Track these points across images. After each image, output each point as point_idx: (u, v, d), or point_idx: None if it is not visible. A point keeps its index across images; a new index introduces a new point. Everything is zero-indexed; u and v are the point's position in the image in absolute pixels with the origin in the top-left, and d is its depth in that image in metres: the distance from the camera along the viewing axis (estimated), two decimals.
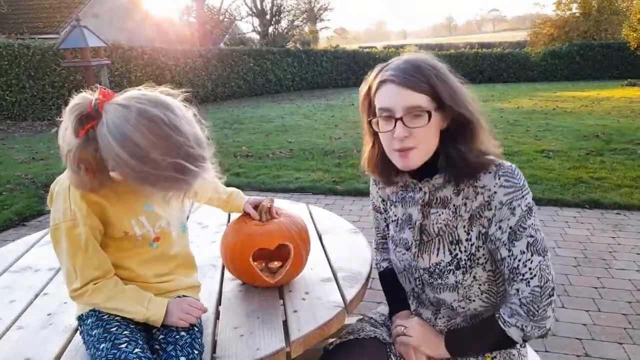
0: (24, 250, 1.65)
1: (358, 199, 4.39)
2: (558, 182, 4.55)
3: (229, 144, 7.20)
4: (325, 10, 30.22)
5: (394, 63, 1.03)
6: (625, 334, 2.20)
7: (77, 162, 0.92)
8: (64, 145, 0.93)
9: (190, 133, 0.92)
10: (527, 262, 0.99)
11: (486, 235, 1.03)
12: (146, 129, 0.88)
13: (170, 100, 0.95)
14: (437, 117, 1.01)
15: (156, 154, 0.88)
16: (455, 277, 1.07)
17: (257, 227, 1.28)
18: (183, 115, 0.94)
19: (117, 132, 0.88)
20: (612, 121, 8.03)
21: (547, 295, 0.99)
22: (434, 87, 0.98)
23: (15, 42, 10.58)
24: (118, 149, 0.88)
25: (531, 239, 0.99)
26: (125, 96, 0.94)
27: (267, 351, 1.04)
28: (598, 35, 21.89)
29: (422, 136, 1.00)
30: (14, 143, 8.00)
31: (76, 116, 0.92)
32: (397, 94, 0.98)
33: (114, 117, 0.89)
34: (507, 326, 1.02)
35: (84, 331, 1.06)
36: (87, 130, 0.91)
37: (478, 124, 1.02)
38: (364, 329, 1.22)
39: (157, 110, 0.90)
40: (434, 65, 1.01)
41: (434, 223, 1.10)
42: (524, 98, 12.67)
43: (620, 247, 3.16)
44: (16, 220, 4.01)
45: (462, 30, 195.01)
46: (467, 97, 1.02)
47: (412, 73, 0.98)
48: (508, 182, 0.99)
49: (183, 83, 13.89)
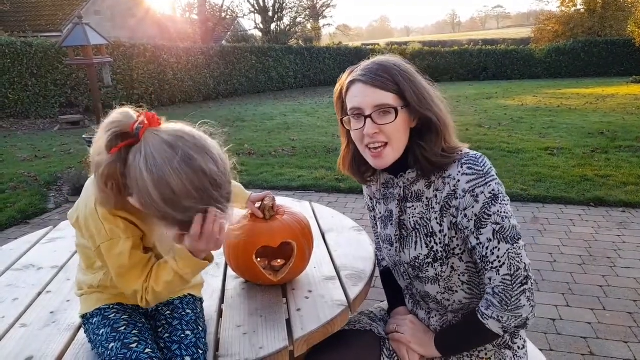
0: (27, 249, 1.65)
1: (361, 197, 4.37)
2: (563, 180, 4.53)
3: (231, 142, 7.14)
4: (328, 7, 30.13)
5: (363, 64, 1.07)
6: (630, 332, 2.19)
7: (105, 179, 0.88)
8: (95, 158, 0.89)
9: (226, 186, 0.91)
10: (494, 249, 1.00)
11: (456, 225, 1.04)
12: (186, 178, 0.84)
13: (214, 147, 0.92)
14: (404, 115, 1.04)
15: (188, 202, 0.86)
16: (434, 270, 1.09)
17: (260, 224, 1.27)
18: (224, 168, 0.91)
19: (155, 171, 0.84)
20: (617, 118, 7.99)
21: (520, 284, 0.99)
22: (399, 86, 1.02)
23: (17, 40, 10.60)
24: (151, 187, 0.84)
25: (497, 226, 0.99)
26: (171, 130, 0.89)
27: (270, 350, 1.03)
28: (603, 31, 21.76)
29: (391, 133, 1.03)
30: (17, 141, 8.02)
31: (113, 132, 0.87)
32: (365, 92, 1.03)
33: (157, 152, 0.85)
34: (485, 318, 1.03)
35: (90, 330, 1.05)
36: (119, 148, 0.87)
37: (442, 124, 1.04)
38: (361, 321, 1.24)
39: (201, 159, 0.86)
40: (400, 67, 1.05)
41: (411, 217, 1.12)
42: (528, 95, 12.61)
43: (626, 246, 3.14)
44: (19, 218, 4.02)
45: (465, 27, 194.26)
46: (433, 98, 1.06)
47: (379, 73, 1.03)
48: (470, 169, 1.00)
49: (185, 81, 13.91)
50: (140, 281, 0.99)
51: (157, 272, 0.99)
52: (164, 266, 0.99)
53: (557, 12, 24.08)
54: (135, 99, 12.31)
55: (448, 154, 1.04)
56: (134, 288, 0.99)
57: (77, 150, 6.77)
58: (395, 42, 32.46)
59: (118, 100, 11.10)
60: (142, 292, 0.99)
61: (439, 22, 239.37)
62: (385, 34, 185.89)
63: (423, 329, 1.17)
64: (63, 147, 7.26)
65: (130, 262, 0.97)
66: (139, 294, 0.99)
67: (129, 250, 0.97)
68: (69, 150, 6.96)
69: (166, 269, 0.98)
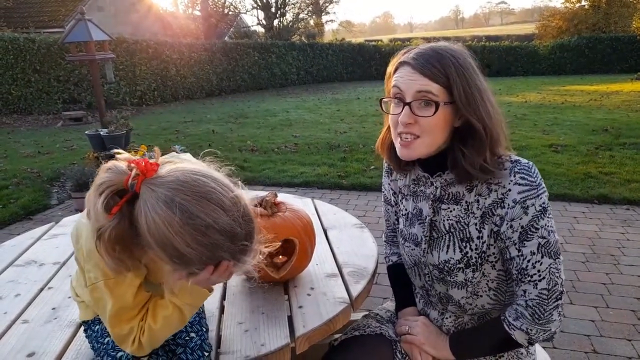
0: (29, 244, 1.65)
1: (364, 194, 4.37)
2: (566, 177, 4.50)
3: (233, 138, 7.19)
4: (331, 3, 30.03)
5: (420, 47, 0.99)
6: (634, 330, 2.18)
7: (112, 244, 0.79)
8: (95, 225, 0.79)
9: (241, 233, 0.79)
10: (536, 263, 0.96)
11: (497, 233, 0.99)
12: (191, 239, 0.75)
13: (220, 188, 0.79)
14: (447, 112, 0.96)
15: (201, 259, 0.78)
16: (464, 275, 1.05)
17: (262, 221, 1.26)
18: (236, 212, 0.79)
19: (157, 234, 0.75)
20: (621, 115, 7.94)
21: (555, 299, 0.97)
22: (449, 79, 0.93)
23: (20, 36, 10.62)
24: (157, 250, 0.77)
25: (543, 240, 0.95)
26: (166, 180, 0.77)
27: (272, 347, 1.03)
28: (607, 28, 21.62)
29: (428, 127, 0.96)
30: (20, 137, 8.04)
31: (107, 194, 0.78)
32: (411, 77, 0.95)
33: (155, 215, 0.75)
34: (512, 329, 1.00)
35: (92, 338, 1.03)
36: (120, 207, 0.78)
37: (487, 133, 0.95)
38: (370, 325, 1.21)
39: (204, 213, 0.75)
40: (458, 59, 0.95)
41: (445, 219, 1.06)
42: (532, 92, 12.55)
43: (630, 243, 3.12)
44: (22, 214, 4.03)
45: (469, 23, 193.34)
46: (485, 103, 0.96)
47: (432, 60, 0.94)
48: (524, 179, 0.95)
49: (188, 77, 13.90)
50: (136, 320, 0.89)
51: (153, 308, 0.91)
52: (160, 302, 0.91)
53: (561, 8, 23.98)
54: (138, 95, 12.32)
55: (491, 167, 0.95)
56: (130, 326, 0.88)
57: (80, 147, 6.78)
58: (399, 38, 32.31)
59: (121, 97, 11.06)
60: (137, 332, 0.89)
61: (443, 18, 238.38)
62: (388, 30, 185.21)
63: (436, 331, 1.14)
64: (66, 143, 7.28)
65: (134, 302, 0.89)
66: (133, 334, 0.89)
67: (135, 289, 0.89)
68: (72, 146, 6.97)
69: (163, 304, 0.91)
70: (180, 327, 0.94)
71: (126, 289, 0.87)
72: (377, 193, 4.32)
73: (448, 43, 1.00)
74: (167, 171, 0.79)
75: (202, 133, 7.76)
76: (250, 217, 0.82)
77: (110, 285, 0.86)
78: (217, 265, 0.81)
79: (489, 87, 0.99)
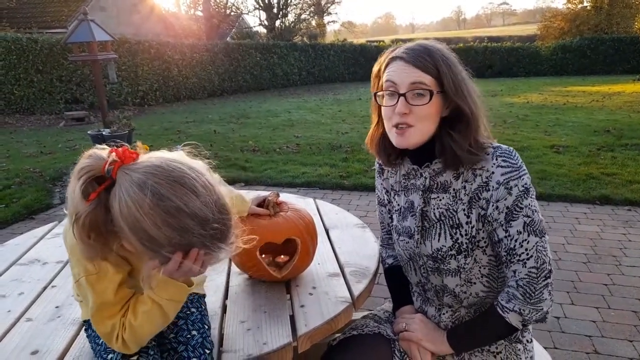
0: (32, 243, 1.66)
1: (365, 194, 4.37)
2: (568, 177, 4.50)
3: (235, 138, 7.20)
4: (333, 3, 30.05)
5: (406, 44, 1.08)
6: (635, 331, 2.17)
7: (87, 231, 0.80)
8: (72, 210, 0.81)
9: (213, 218, 0.80)
10: (523, 242, 1.00)
11: (485, 217, 1.04)
12: (161, 221, 0.76)
13: (194, 175, 0.81)
14: (438, 101, 1.03)
15: (172, 246, 0.80)
16: (457, 262, 1.08)
17: (265, 221, 1.27)
18: (209, 198, 0.80)
19: (129, 217, 0.77)
20: (623, 116, 7.93)
21: (544, 277, 1.00)
22: (439, 70, 1.01)
23: (23, 36, 10.65)
24: (130, 235, 0.79)
25: (528, 219, 1.00)
26: (143, 166, 0.79)
27: (274, 346, 1.03)
28: (609, 29, 21.59)
29: (422, 116, 1.02)
30: (22, 137, 8.07)
31: (85, 179, 0.79)
32: (404, 69, 1.02)
33: (127, 196, 0.77)
34: (505, 312, 1.03)
35: (91, 338, 1.04)
36: (98, 194, 0.79)
37: (474, 117, 1.03)
38: (368, 324, 1.22)
39: (175, 196, 0.77)
40: (444, 53, 1.04)
41: (435, 208, 1.10)
42: (534, 93, 12.54)
43: (631, 244, 3.12)
44: (25, 214, 4.04)
45: (471, 24, 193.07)
46: (470, 90, 1.05)
47: (422, 54, 1.02)
48: (505, 162, 1.01)
49: (190, 77, 13.93)
50: (118, 316, 0.90)
51: (134, 304, 0.91)
52: (140, 298, 0.91)
53: (563, 9, 23.96)
54: (140, 95, 12.35)
55: (475, 151, 1.03)
56: (112, 322, 0.89)
57: (83, 146, 6.79)
58: (400, 39, 32.28)
59: (123, 97, 11.10)
60: (119, 329, 0.89)
61: (444, 18, 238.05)
62: (390, 31, 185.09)
63: (433, 327, 1.16)
64: (68, 143, 7.30)
65: (115, 298, 0.89)
66: (115, 331, 0.89)
67: (116, 285, 0.89)
68: (74, 146, 6.99)
69: (142, 299, 0.90)
70: (164, 323, 0.93)
71: (107, 285, 0.88)
72: None
73: (431, 41, 1.09)
74: (146, 159, 0.82)
75: (204, 133, 7.77)
76: (225, 207, 0.83)
77: (92, 281, 0.87)
78: (187, 252, 0.82)
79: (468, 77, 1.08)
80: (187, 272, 0.86)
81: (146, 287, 0.90)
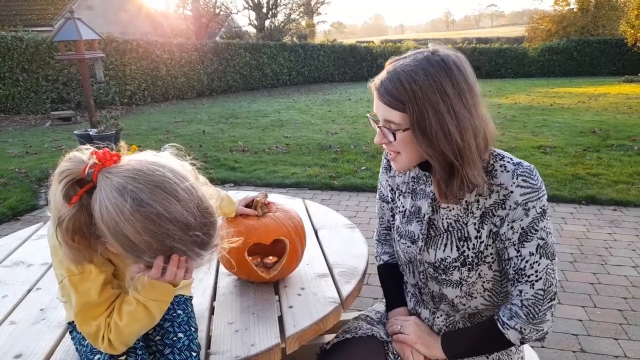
0: (17, 245, 1.63)
1: (354, 195, 4.37)
2: (555, 178, 4.56)
3: (224, 139, 7.16)
4: (322, 3, 30.06)
5: (388, 69, 0.98)
6: (620, 329, 2.21)
7: (71, 234, 0.79)
8: (55, 213, 0.80)
9: (196, 224, 0.79)
10: (534, 264, 0.98)
11: (497, 234, 1.01)
12: (141, 227, 0.75)
13: (177, 178, 0.79)
14: (410, 136, 0.96)
15: (153, 251, 0.79)
16: (460, 274, 1.06)
17: (253, 222, 1.26)
18: (191, 203, 0.79)
19: (109, 221, 0.76)
20: (609, 117, 8.06)
21: (549, 299, 0.99)
22: (405, 106, 0.93)
23: (8, 34, 10.47)
24: (111, 240, 0.78)
25: (542, 241, 0.98)
26: (122, 169, 0.78)
27: (262, 347, 1.03)
28: (596, 31, 21.94)
29: (400, 146, 1.00)
30: (7, 137, 7.93)
31: (66, 183, 0.78)
32: (378, 103, 0.99)
33: (108, 201, 0.76)
34: (505, 328, 1.02)
35: (76, 340, 1.02)
36: (80, 197, 0.78)
37: (462, 164, 0.94)
38: (361, 327, 1.21)
39: (155, 201, 0.76)
40: (421, 84, 0.91)
41: (444, 218, 1.08)
42: (522, 94, 12.68)
43: (617, 244, 3.17)
44: (10, 215, 3.97)
45: (459, 25, 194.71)
46: (451, 131, 0.91)
47: (389, 88, 0.95)
48: (526, 182, 0.97)
49: (178, 77, 13.82)
50: (102, 317, 0.89)
51: (119, 305, 0.90)
52: (126, 298, 0.90)
53: (550, 11, 24.25)
54: (127, 95, 12.22)
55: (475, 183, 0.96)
56: (96, 323, 0.88)
57: (69, 146, 6.68)
58: (390, 40, 32.42)
59: (110, 96, 10.97)
60: (104, 329, 0.88)
61: (434, 20, 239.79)
62: (379, 32, 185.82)
63: (427, 330, 1.15)
64: (54, 143, 7.19)
65: (99, 298, 0.88)
66: (101, 331, 0.88)
67: (100, 285, 0.88)
68: (61, 146, 6.89)
69: (127, 300, 0.89)
70: (150, 323, 0.92)
71: (90, 285, 0.87)
72: (368, 194, 4.33)
73: (419, 58, 0.94)
74: (126, 161, 0.80)
75: (193, 133, 7.72)
76: (208, 210, 0.82)
77: (74, 281, 0.86)
78: (169, 257, 0.81)
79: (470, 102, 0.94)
80: (172, 277, 0.84)
81: (131, 288, 0.89)
